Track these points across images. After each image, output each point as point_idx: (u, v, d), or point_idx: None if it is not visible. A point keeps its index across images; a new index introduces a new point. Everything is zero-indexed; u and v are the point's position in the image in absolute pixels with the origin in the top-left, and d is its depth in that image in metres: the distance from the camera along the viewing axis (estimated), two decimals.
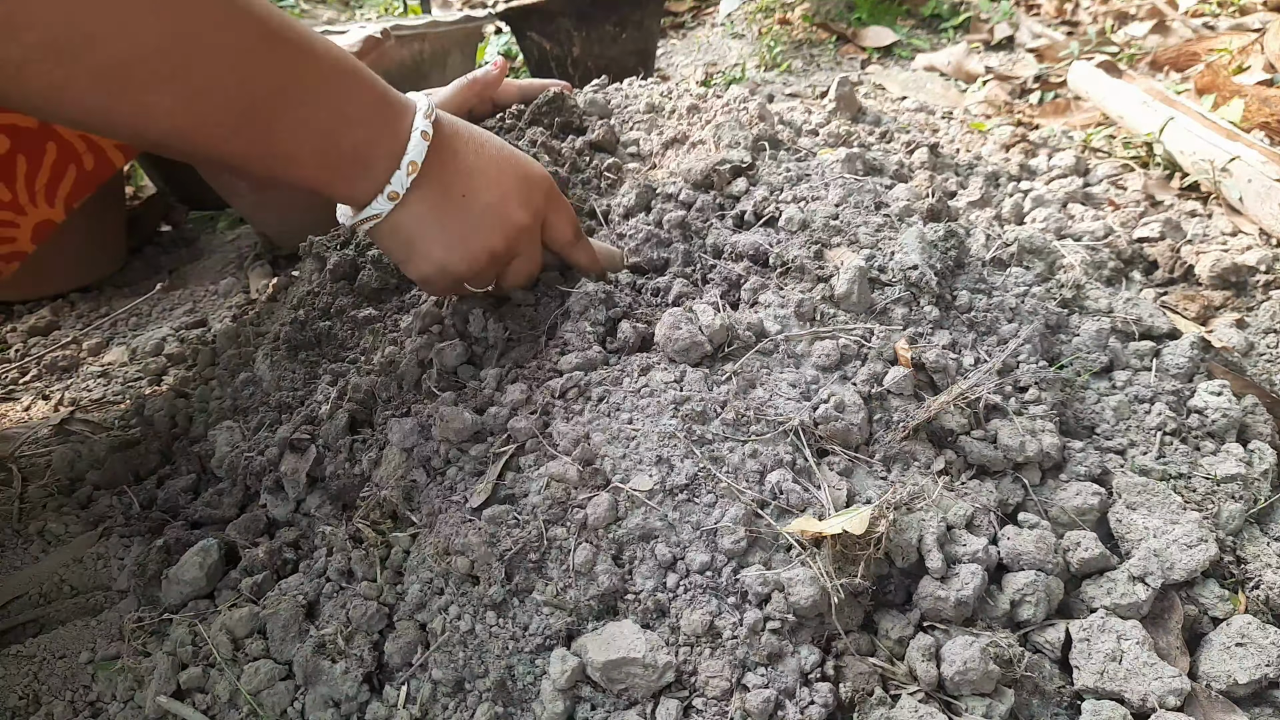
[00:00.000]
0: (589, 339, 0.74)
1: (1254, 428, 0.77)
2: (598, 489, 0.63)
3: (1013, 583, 0.62)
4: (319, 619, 0.66)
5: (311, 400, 0.81)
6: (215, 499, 0.80)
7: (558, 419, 0.69)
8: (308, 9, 3.18)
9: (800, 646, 0.58)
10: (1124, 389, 0.79)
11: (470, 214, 0.65)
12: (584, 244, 0.77)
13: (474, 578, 0.62)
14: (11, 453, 0.95)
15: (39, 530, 0.83)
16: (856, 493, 0.64)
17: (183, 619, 0.68)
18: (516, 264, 0.72)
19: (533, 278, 0.77)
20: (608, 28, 1.82)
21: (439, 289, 0.72)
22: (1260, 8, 1.97)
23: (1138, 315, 0.87)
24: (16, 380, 1.16)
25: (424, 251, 0.66)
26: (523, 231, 0.69)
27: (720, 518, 0.61)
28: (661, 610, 0.60)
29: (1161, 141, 1.35)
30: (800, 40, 2.26)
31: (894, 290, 0.76)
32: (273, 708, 0.61)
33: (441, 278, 0.68)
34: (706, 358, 0.71)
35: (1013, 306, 0.81)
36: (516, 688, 0.59)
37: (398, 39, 1.56)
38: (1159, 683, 0.56)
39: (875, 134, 1.35)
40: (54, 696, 0.66)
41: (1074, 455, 0.71)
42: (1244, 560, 0.67)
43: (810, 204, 0.87)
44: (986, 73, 1.91)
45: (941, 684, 0.57)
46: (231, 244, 1.58)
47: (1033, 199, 1.21)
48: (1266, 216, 1.13)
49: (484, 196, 0.65)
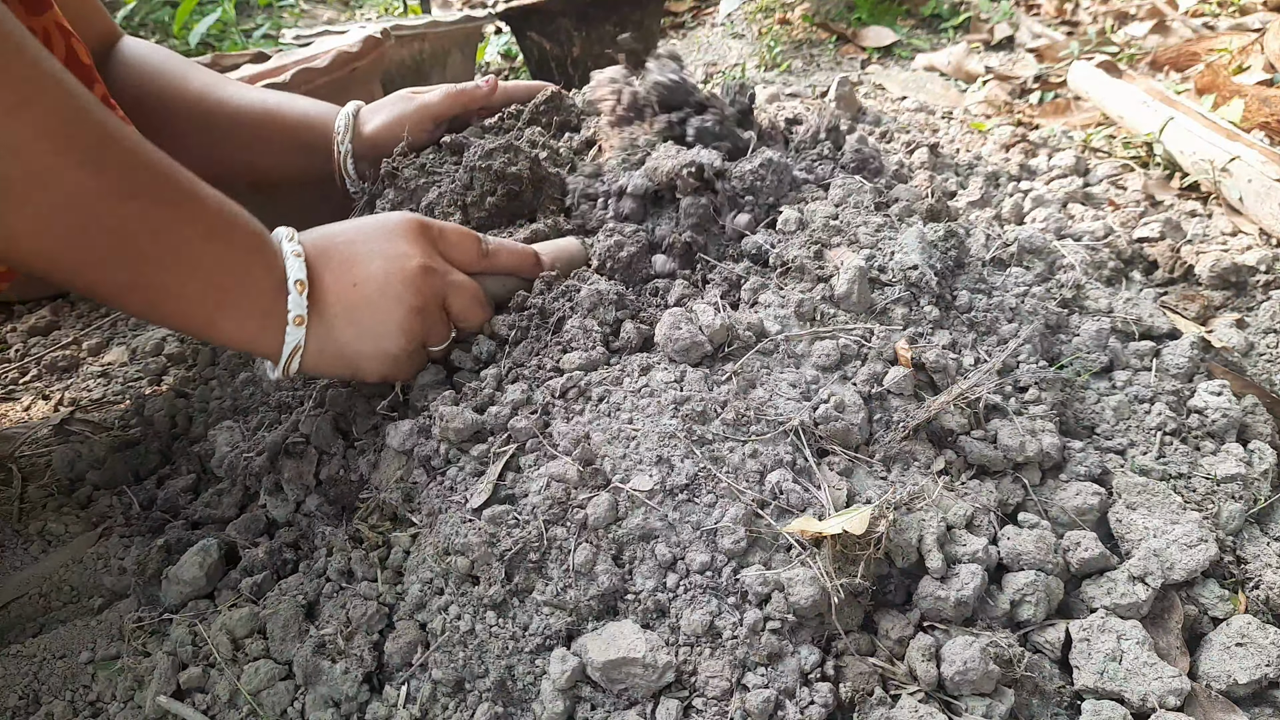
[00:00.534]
0: (595, 338, 0.74)
1: (1254, 428, 0.77)
2: (598, 489, 0.63)
3: (1013, 583, 0.62)
4: (319, 619, 0.66)
5: (300, 408, 0.81)
6: (215, 499, 0.80)
7: (558, 419, 0.69)
8: (308, 9, 3.18)
9: (800, 646, 0.58)
10: (1124, 389, 0.79)
11: (372, 293, 0.66)
12: (501, 252, 0.76)
13: (474, 578, 0.62)
14: (11, 453, 0.95)
15: (39, 530, 0.83)
16: (856, 493, 0.65)
17: (183, 619, 0.68)
18: (454, 305, 0.72)
19: (484, 305, 0.75)
20: (608, 28, 1.82)
21: (404, 371, 0.72)
22: (1260, 8, 1.97)
23: (1138, 315, 0.87)
24: (16, 380, 1.16)
25: (360, 352, 0.67)
26: (426, 273, 0.68)
27: (720, 518, 0.61)
28: (661, 610, 0.60)
29: (1161, 141, 1.35)
30: (800, 40, 2.26)
31: (894, 290, 0.76)
32: (273, 708, 0.61)
33: (394, 363, 0.69)
34: (706, 358, 0.71)
35: (1013, 306, 0.81)
36: (516, 688, 0.59)
37: (398, 39, 1.56)
38: (1159, 683, 0.56)
39: (875, 134, 1.35)
40: (54, 696, 0.66)
41: (1074, 455, 0.71)
42: (1244, 560, 0.67)
43: (810, 204, 0.87)
44: (986, 73, 1.91)
45: (941, 684, 0.57)
46: None
47: (1033, 199, 1.21)
48: (1266, 216, 1.13)
49: (372, 269, 0.66)
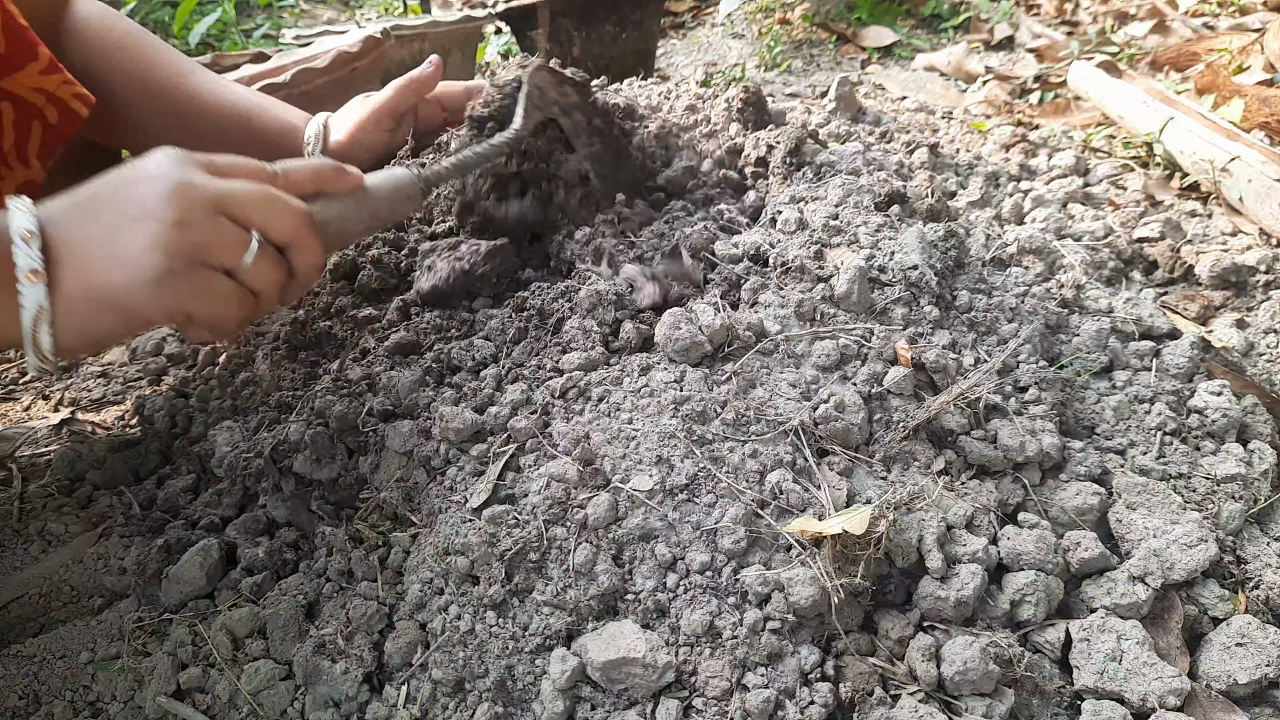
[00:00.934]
0: (594, 338, 0.74)
1: (1254, 428, 0.77)
2: (598, 489, 0.63)
3: (1013, 583, 0.62)
4: (319, 619, 0.66)
5: (300, 408, 0.81)
6: (215, 499, 0.80)
7: (558, 419, 0.69)
8: (308, 9, 3.18)
9: (800, 646, 0.58)
10: (1124, 389, 0.79)
11: (117, 217, 0.55)
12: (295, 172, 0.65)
13: (474, 578, 0.62)
14: (11, 453, 0.95)
15: (39, 530, 0.83)
16: (856, 493, 0.64)
17: (183, 619, 0.68)
18: (252, 216, 0.59)
19: (298, 217, 0.62)
20: (608, 28, 1.82)
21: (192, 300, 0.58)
22: (1260, 8, 1.97)
23: (1138, 315, 0.87)
24: (16, 380, 1.16)
25: (118, 284, 0.55)
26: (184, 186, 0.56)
27: (720, 518, 0.61)
28: (661, 610, 0.60)
29: (1161, 141, 1.35)
30: (800, 40, 2.26)
31: (894, 290, 0.76)
32: (273, 708, 0.61)
33: (167, 290, 0.56)
34: (706, 358, 0.71)
35: (1013, 306, 0.81)
36: (516, 688, 0.59)
37: (398, 39, 1.56)
38: (1159, 683, 0.56)
39: (875, 134, 1.35)
40: (54, 696, 0.66)
41: (1074, 455, 0.71)
42: (1244, 560, 0.67)
43: (810, 204, 0.87)
44: (986, 73, 1.91)
45: (941, 684, 0.57)
46: None
47: (1033, 199, 1.21)
48: (1266, 216, 1.13)
49: (118, 198, 0.56)
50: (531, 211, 0.87)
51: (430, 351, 0.79)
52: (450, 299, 0.85)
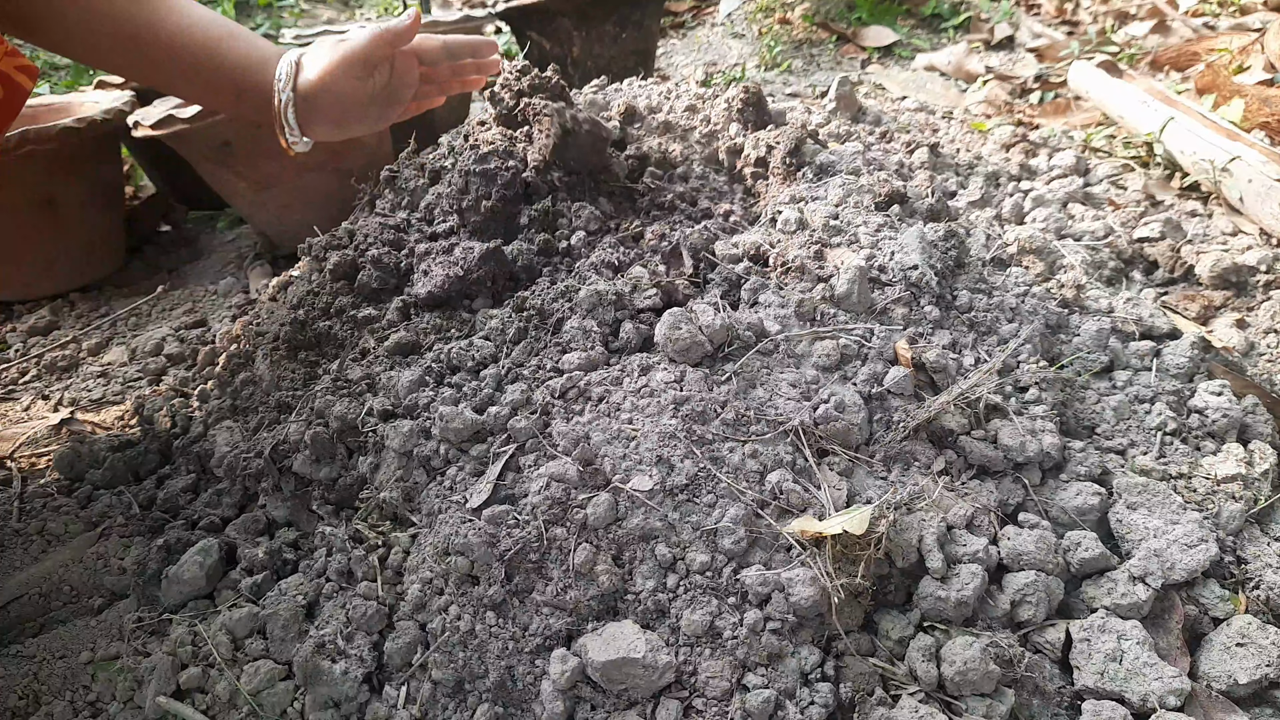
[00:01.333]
0: (594, 338, 0.74)
1: (1254, 428, 0.77)
2: (598, 489, 0.63)
3: (1013, 583, 0.62)
4: (319, 619, 0.66)
5: (302, 407, 0.81)
6: (215, 499, 0.80)
7: (558, 419, 0.69)
8: (308, 9, 3.18)
9: (800, 647, 0.58)
10: (1124, 389, 0.79)
11: None
12: None
13: (474, 578, 0.62)
14: (11, 453, 0.95)
15: (39, 530, 0.83)
16: (856, 493, 0.64)
17: (183, 619, 0.68)
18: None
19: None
20: (608, 28, 1.82)
21: None
22: (1260, 8, 1.97)
23: (1138, 315, 0.86)
24: (16, 380, 1.16)
25: None
26: None
27: (720, 518, 0.61)
28: (662, 610, 0.60)
29: (1161, 141, 1.35)
30: (800, 40, 2.26)
31: (894, 290, 0.76)
32: (273, 708, 0.61)
33: None
34: (707, 358, 0.71)
35: (1013, 306, 0.81)
36: (516, 688, 0.59)
37: None
38: (1159, 683, 0.56)
39: (875, 134, 1.35)
40: (54, 696, 0.66)
41: (1074, 455, 0.71)
42: (1244, 560, 0.67)
43: (810, 204, 0.87)
44: (987, 72, 1.90)
45: (941, 684, 0.57)
46: (231, 244, 1.58)
47: (1033, 199, 1.21)
48: (1266, 216, 1.13)
49: None
50: None
51: (430, 352, 0.79)
52: (448, 302, 0.85)
